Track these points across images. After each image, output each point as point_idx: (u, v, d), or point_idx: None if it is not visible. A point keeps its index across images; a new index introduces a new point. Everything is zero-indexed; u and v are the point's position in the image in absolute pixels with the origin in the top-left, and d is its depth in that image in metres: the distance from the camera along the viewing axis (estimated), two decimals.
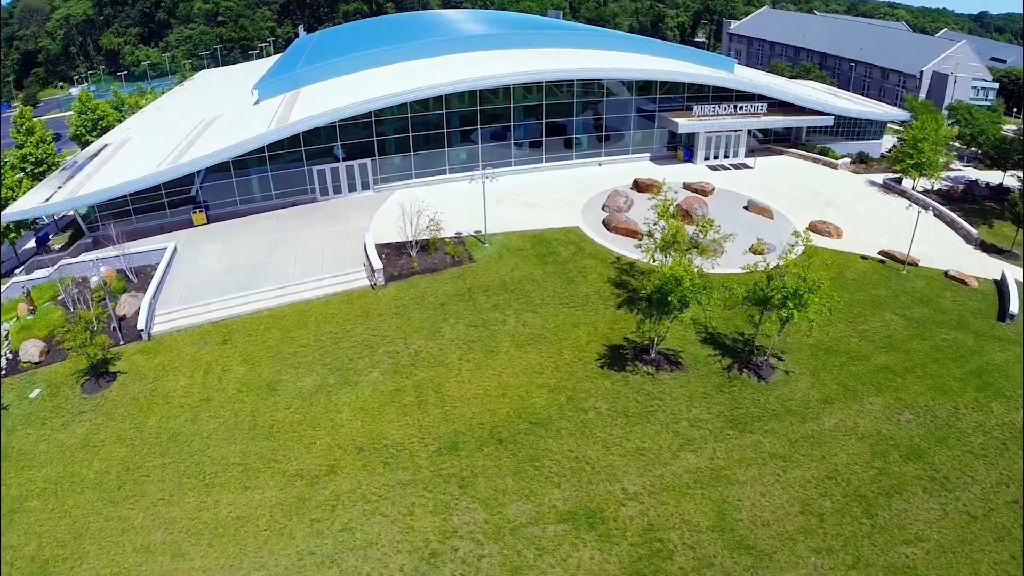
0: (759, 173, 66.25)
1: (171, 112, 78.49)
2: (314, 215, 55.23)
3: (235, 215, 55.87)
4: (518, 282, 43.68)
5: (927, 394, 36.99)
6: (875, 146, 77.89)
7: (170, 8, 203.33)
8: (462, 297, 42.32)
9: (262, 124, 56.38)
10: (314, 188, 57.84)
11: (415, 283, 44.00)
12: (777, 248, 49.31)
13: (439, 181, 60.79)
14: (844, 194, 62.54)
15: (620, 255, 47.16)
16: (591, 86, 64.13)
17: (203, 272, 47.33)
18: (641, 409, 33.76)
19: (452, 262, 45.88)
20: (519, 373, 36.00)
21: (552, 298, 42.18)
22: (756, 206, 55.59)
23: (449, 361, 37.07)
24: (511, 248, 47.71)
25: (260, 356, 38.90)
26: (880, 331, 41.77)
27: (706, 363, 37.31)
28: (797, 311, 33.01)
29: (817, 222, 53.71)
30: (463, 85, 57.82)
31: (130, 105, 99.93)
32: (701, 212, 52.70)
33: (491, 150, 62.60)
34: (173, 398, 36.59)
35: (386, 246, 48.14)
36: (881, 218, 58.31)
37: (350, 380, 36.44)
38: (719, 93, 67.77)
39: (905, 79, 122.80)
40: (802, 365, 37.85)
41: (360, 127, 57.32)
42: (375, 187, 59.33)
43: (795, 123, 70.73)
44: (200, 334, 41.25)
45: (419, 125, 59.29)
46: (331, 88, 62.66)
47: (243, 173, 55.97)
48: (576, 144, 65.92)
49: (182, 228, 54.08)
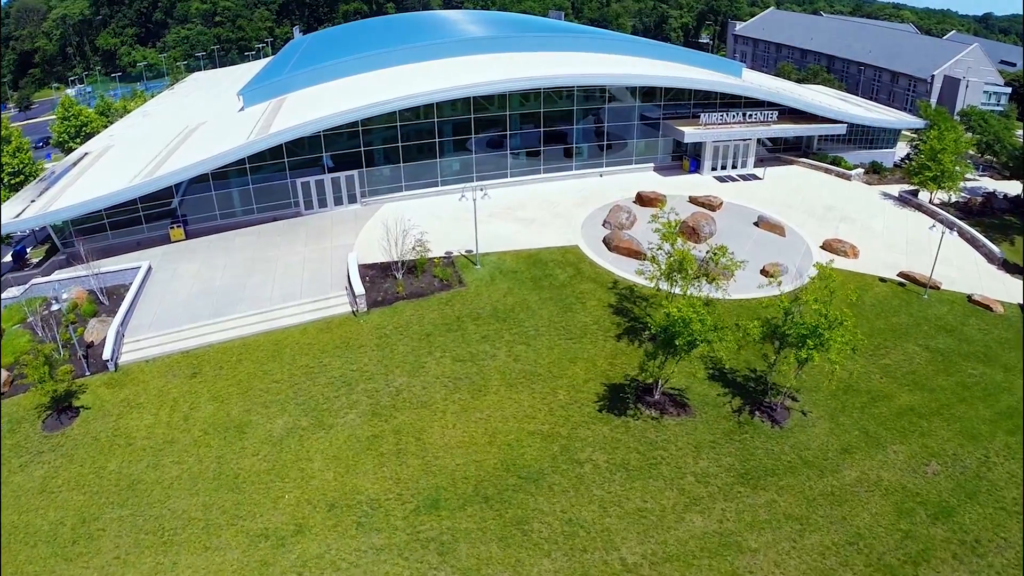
0: (769, 184, 62.99)
1: (157, 118, 75.41)
2: (297, 231, 52.09)
3: (215, 230, 52.76)
4: (511, 309, 40.49)
5: (955, 440, 33.79)
6: (889, 155, 74.66)
7: (167, 8, 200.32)
8: (450, 326, 39.14)
9: (244, 133, 53.28)
10: (298, 202, 54.66)
11: (400, 310, 40.85)
12: (791, 270, 46.35)
13: (431, 193, 57.60)
14: (858, 208, 59.27)
15: (621, 278, 43.91)
16: (592, 92, 60.92)
17: (176, 295, 44.25)
18: (643, 461, 30.53)
19: (440, 286, 42.72)
20: (509, 417, 32.81)
21: (547, 328, 38.97)
22: (767, 222, 52.34)
23: (433, 402, 33.89)
24: (504, 270, 44.52)
25: (229, 392, 35.83)
26: (903, 365, 38.54)
27: (715, 405, 34.08)
28: (817, 352, 29.76)
29: (832, 240, 50.45)
30: (455, 92, 54.57)
31: (117, 110, 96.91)
32: (709, 230, 49.54)
33: (486, 160, 59.40)
34: (136, 439, 33.62)
35: (371, 267, 45.01)
36: (898, 234, 55.05)
37: (324, 422, 33.32)
38: (727, 100, 64.54)
39: (915, 83, 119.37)
40: (820, 407, 34.63)
41: (346, 137, 54.14)
42: (363, 200, 56.15)
43: (807, 131, 67.41)
44: (169, 365, 38.22)
45: (409, 134, 56.08)
46: (318, 95, 59.48)
47: (223, 186, 52.83)
48: (576, 153, 62.70)
49: (160, 244, 51.02)
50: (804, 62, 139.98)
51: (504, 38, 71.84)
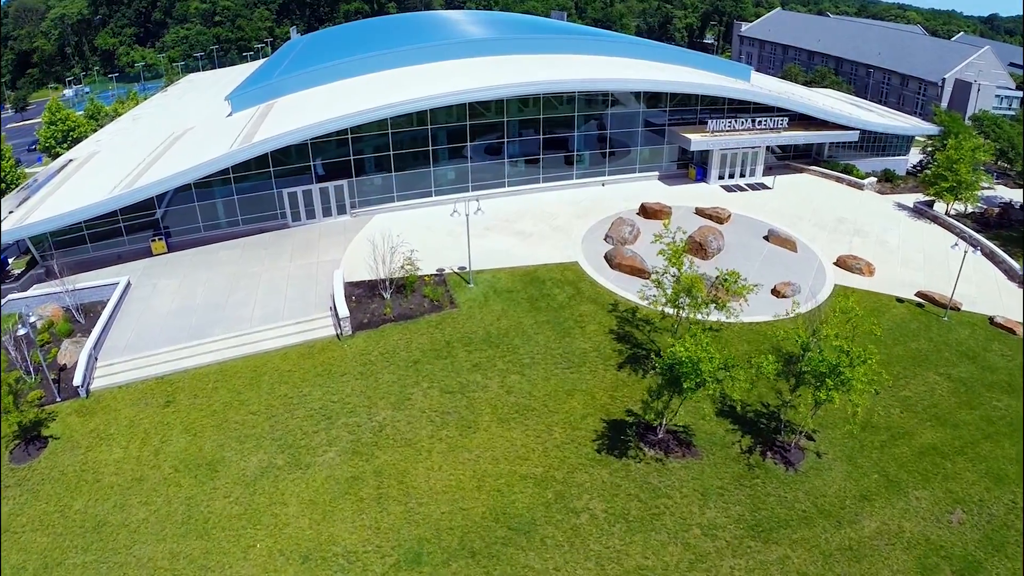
0: (778, 194, 60.38)
1: (146, 122, 73.16)
2: (282, 245, 49.65)
3: (199, 243, 50.30)
4: (505, 334, 37.98)
5: (981, 483, 31.25)
6: (901, 162, 72.00)
7: (166, 8, 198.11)
8: (439, 353, 36.65)
9: (229, 141, 50.87)
10: (285, 213, 52.21)
11: (387, 333, 38.38)
12: (803, 289, 43.83)
13: (424, 204, 55.10)
14: (872, 220, 56.64)
15: (623, 299, 41.35)
16: (594, 97, 58.33)
17: (154, 313, 41.84)
18: (645, 511, 28.00)
19: (431, 307, 40.24)
20: (500, 458, 30.29)
21: (543, 355, 36.44)
22: (777, 236, 49.74)
23: (418, 440, 31.40)
24: (499, 289, 42.02)
25: (203, 424, 33.43)
26: (924, 398, 35.96)
27: (723, 444, 31.52)
28: (837, 392, 27.19)
29: (846, 256, 47.83)
30: (448, 98, 51.97)
31: (108, 113, 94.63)
32: (716, 245, 47.01)
33: (482, 169, 56.87)
34: (104, 475, 31.31)
35: (358, 285, 42.57)
36: (914, 249, 52.44)
37: (301, 461, 30.89)
38: (735, 105, 61.93)
39: (926, 87, 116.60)
40: (836, 446, 32.06)
41: (335, 145, 51.64)
42: (352, 211, 53.69)
43: (819, 138, 64.76)
44: (142, 392, 35.85)
45: (401, 142, 53.56)
46: (308, 99, 57.08)
47: (206, 196, 50.35)
48: (577, 161, 60.13)
49: (142, 257, 48.63)
50: (811, 64, 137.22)
51: (503, 40, 69.36)
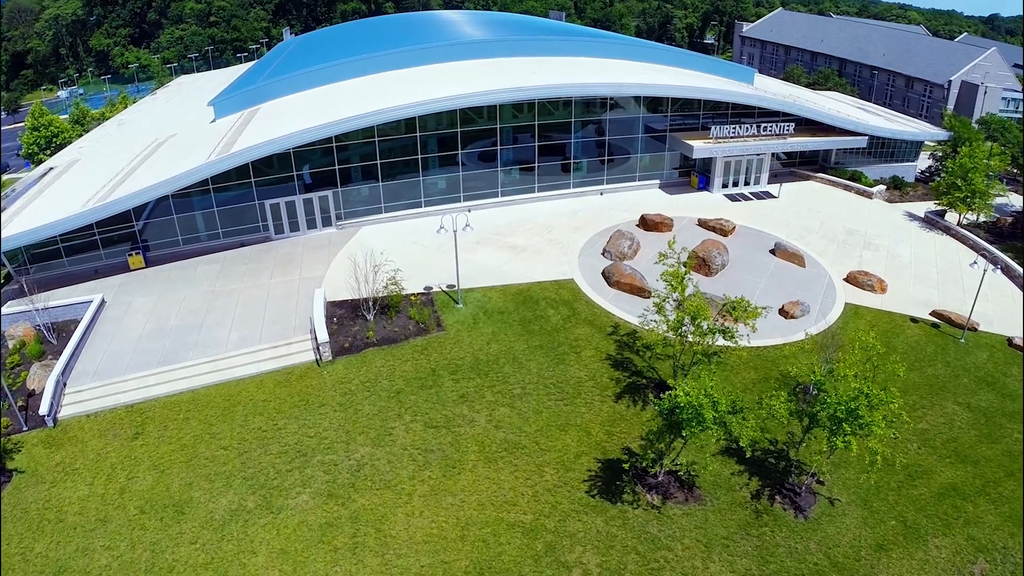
0: (784, 204, 57.92)
1: (131, 127, 70.54)
2: (264, 260, 47.18)
3: (178, 257, 47.80)
4: (495, 360, 35.50)
5: (1004, 527, 28.82)
6: (910, 169, 69.55)
7: (161, 8, 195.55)
8: (423, 382, 34.19)
9: (209, 149, 48.45)
10: (267, 225, 49.75)
11: (369, 359, 35.93)
12: (812, 309, 41.41)
13: (413, 215, 52.66)
14: (882, 232, 54.17)
15: (622, 321, 38.89)
16: (592, 101, 55.89)
17: (127, 335, 39.38)
18: (642, 566, 25.47)
19: (416, 330, 37.78)
20: (486, 503, 27.81)
21: (535, 385, 33.97)
22: (784, 251, 47.26)
23: (398, 481, 28.93)
24: (489, 310, 39.56)
25: (172, 460, 31.02)
26: (943, 431, 33.51)
27: (728, 487, 29.04)
28: (855, 437, 24.69)
29: (857, 273, 45.35)
30: (438, 104, 49.40)
31: (94, 118, 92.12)
32: (721, 261, 44.54)
33: (474, 178, 54.42)
34: (68, 514, 28.99)
35: (340, 305, 40.14)
36: (928, 263, 49.99)
37: (273, 504, 28.45)
38: (739, 109, 59.50)
39: (932, 89, 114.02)
40: (850, 488, 29.57)
41: (319, 153, 49.22)
42: (338, 223, 51.23)
43: (826, 144, 62.27)
44: (111, 422, 33.47)
45: (389, 150, 51.11)
46: (292, 105, 54.57)
47: (185, 208, 47.88)
48: (574, 169, 57.66)
49: (119, 272, 46.12)
50: (814, 65, 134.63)
51: (497, 42, 66.85)
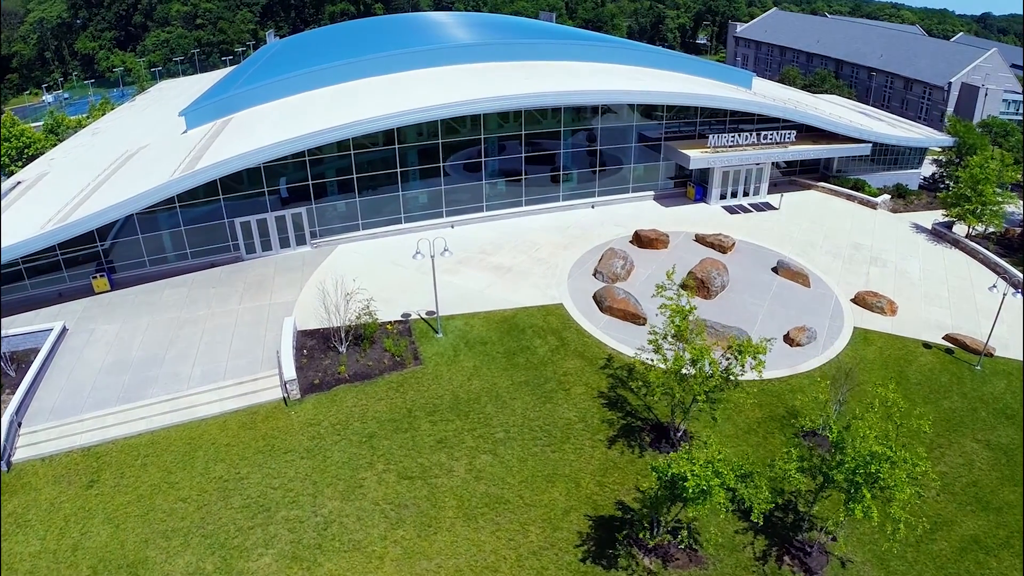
0: (786, 216, 55.05)
1: (105, 137, 67.24)
2: (234, 282, 44.01)
3: (144, 279, 44.47)
4: (476, 399, 32.42)
5: None
6: (914, 176, 66.91)
7: (147, 11, 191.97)
8: (398, 424, 31.09)
9: (175, 164, 45.32)
10: (238, 245, 46.56)
11: (340, 397, 32.82)
12: (819, 334, 38.51)
13: (393, 232, 49.54)
14: (889, 246, 51.35)
15: (615, 352, 35.86)
16: (583, 109, 52.92)
17: (86, 368, 36.12)
18: None
19: (392, 363, 34.66)
20: (464, 569, 24.68)
21: (520, 428, 30.87)
22: (787, 269, 44.36)
23: (368, 542, 25.80)
24: (471, 340, 36.48)
25: (128, 513, 27.88)
26: (962, 473, 30.63)
27: (732, 547, 25.99)
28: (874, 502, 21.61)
29: (865, 293, 42.47)
30: (416, 115, 46.15)
31: (70, 126, 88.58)
32: (721, 282, 41.61)
33: (457, 192, 51.33)
34: (18, 574, 25.84)
35: (312, 335, 37.05)
36: (938, 280, 47.18)
37: (233, 567, 25.30)
38: (737, 116, 56.63)
39: (931, 91, 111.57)
40: (865, 545, 26.58)
41: (292, 167, 46.04)
42: (313, 242, 48.08)
43: (829, 153, 59.45)
44: (67, 466, 30.36)
45: (366, 163, 47.98)
46: (266, 115, 51.43)
47: (151, 227, 44.56)
48: (564, 180, 54.63)
49: (84, 295, 42.86)
50: (810, 66, 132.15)
51: (483, 46, 63.79)
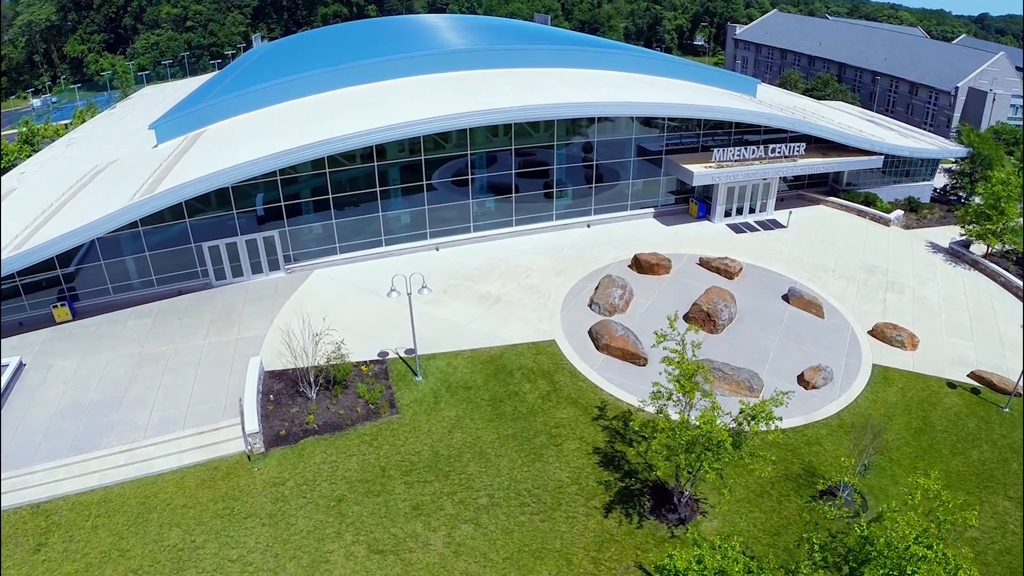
0: (795, 234, 51.77)
1: (78, 149, 63.73)
2: (201, 313, 40.57)
3: (108, 308, 41.13)
4: (458, 455, 29.05)
5: None
6: (926, 188, 63.82)
7: (136, 13, 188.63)
8: (371, 486, 27.72)
9: (139, 182, 41.96)
10: (207, 271, 43.15)
11: (308, 452, 29.45)
12: (835, 374, 35.22)
13: (373, 256, 46.20)
14: (905, 268, 48.11)
15: (612, 399, 32.47)
16: (578, 121, 49.57)
17: (41, 411, 32.72)
18: None
19: (365, 412, 31.27)
20: None
21: (506, 491, 27.47)
22: (799, 298, 41.01)
23: None
24: (454, 384, 33.08)
25: None
26: (995, 538, 27.31)
27: None
28: None
29: (883, 326, 39.17)
30: (394, 132, 42.44)
31: (46, 136, 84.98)
32: (728, 314, 38.29)
33: (443, 211, 47.92)
34: None
35: (280, 376, 33.66)
36: (958, 307, 43.95)
37: None
38: (743, 127, 53.36)
39: (937, 96, 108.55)
40: None
41: (262, 187, 42.63)
42: (287, 266, 44.67)
43: (840, 166, 56.17)
44: (14, 526, 26.99)
45: (344, 182, 44.61)
46: (239, 128, 48.07)
47: (113, 252, 41.11)
48: (558, 197, 51.24)
49: (45, 325, 39.57)
50: (811, 70, 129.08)
51: (472, 53, 60.15)
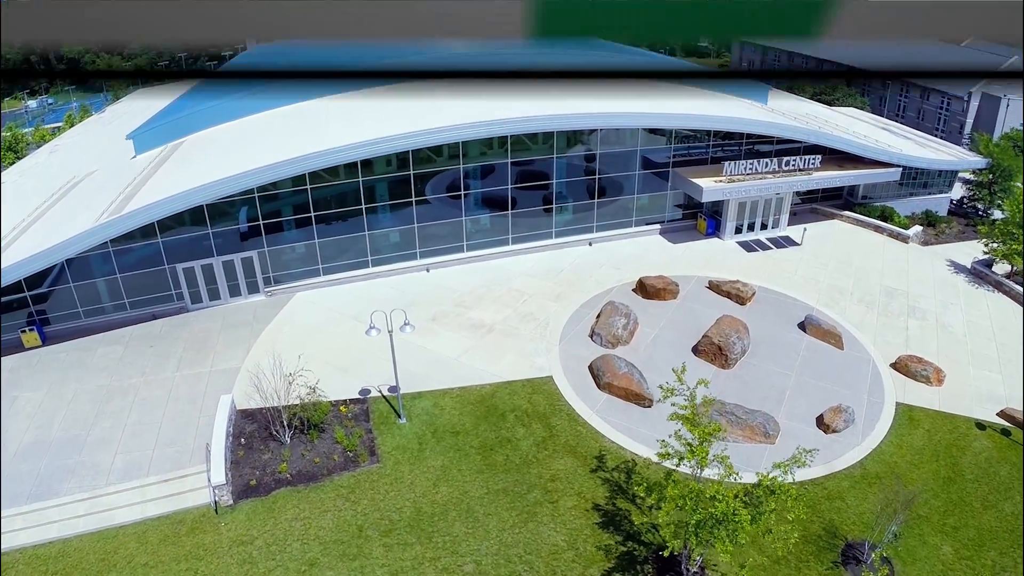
0: (809, 252, 48.85)
1: (59, 157, 61.03)
2: (175, 340, 37.83)
3: (79, 332, 38.50)
4: (442, 513, 26.21)
5: None
6: (944, 201, 60.84)
7: None
8: (346, 548, 24.91)
9: (110, 199, 39.26)
10: (181, 294, 40.43)
11: (279, 506, 26.66)
12: (856, 414, 32.37)
13: (359, 277, 43.43)
14: (926, 291, 45.18)
15: (614, 448, 29.57)
16: (579, 132, 46.76)
17: (4, 448, 30.03)
18: None
19: (343, 461, 28.46)
20: None
21: (495, 557, 24.62)
22: (817, 327, 38.03)
23: None
24: (440, 429, 30.24)
25: None
26: None
27: None
28: None
29: (907, 358, 36.21)
30: (381, 146, 39.43)
31: (32, 142, 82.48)
32: (741, 347, 35.43)
33: (434, 229, 45.08)
34: None
35: (253, 417, 30.88)
36: (984, 335, 41.02)
37: None
38: (754, 138, 50.48)
39: (949, 100, 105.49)
40: None
41: (239, 204, 39.88)
42: (267, 289, 41.88)
43: (856, 179, 53.10)
44: None
45: (328, 199, 41.87)
46: (220, 138, 45.43)
47: (83, 274, 38.46)
48: (557, 212, 48.37)
49: (14, 350, 36.97)
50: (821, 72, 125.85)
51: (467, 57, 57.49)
